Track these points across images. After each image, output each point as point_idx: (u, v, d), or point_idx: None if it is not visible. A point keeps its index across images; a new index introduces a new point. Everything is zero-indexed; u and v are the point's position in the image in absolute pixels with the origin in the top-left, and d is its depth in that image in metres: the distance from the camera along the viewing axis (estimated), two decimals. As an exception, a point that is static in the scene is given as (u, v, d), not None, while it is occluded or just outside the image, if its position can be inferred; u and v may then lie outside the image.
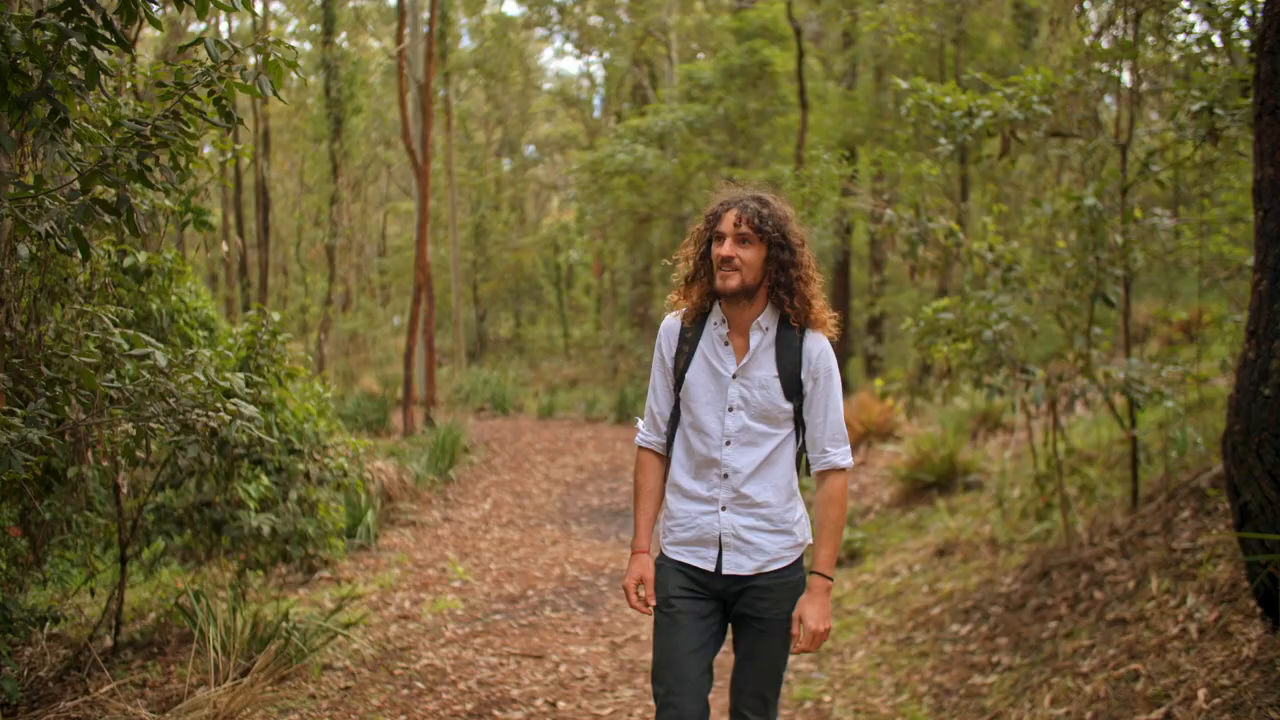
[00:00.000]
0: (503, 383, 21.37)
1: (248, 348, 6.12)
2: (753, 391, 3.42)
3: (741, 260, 3.38)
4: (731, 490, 3.45)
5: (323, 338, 20.41)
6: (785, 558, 3.45)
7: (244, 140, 23.42)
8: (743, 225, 3.41)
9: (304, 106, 25.45)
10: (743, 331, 3.48)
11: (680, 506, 3.54)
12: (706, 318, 3.54)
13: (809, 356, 3.43)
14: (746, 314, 3.46)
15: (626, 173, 19.24)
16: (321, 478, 6.83)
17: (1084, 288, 6.15)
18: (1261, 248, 4.30)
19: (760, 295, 3.44)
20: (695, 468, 3.52)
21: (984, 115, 6.11)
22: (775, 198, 3.55)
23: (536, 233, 35.28)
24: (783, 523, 3.45)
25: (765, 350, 3.45)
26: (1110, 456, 8.03)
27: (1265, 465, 4.12)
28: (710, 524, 3.46)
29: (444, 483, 12.26)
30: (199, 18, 4.16)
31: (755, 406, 3.42)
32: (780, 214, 3.47)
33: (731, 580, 3.44)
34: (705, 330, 3.53)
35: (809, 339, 3.45)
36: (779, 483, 3.47)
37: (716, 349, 3.49)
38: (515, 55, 29.43)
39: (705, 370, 3.49)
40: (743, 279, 3.38)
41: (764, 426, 3.43)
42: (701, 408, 3.48)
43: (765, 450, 3.43)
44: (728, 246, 3.39)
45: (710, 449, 3.47)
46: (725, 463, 3.45)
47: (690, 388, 3.52)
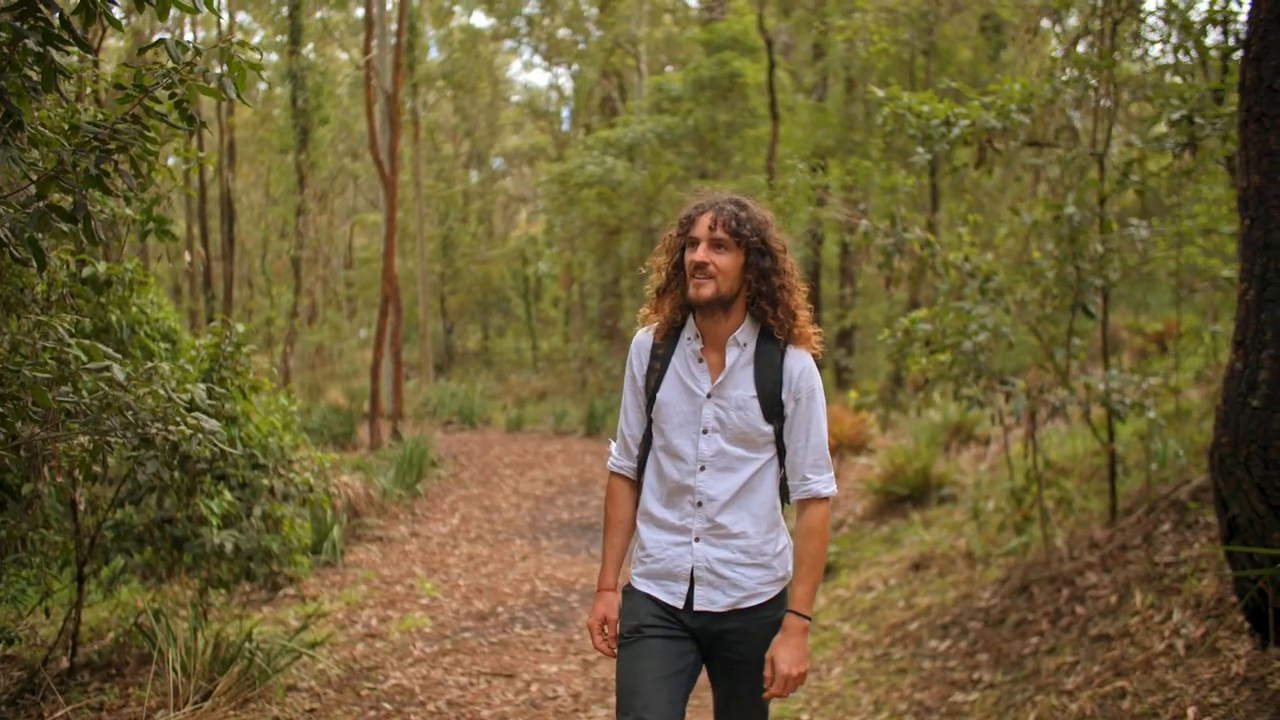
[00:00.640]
0: (470, 396, 21.20)
1: (211, 360, 5.96)
2: (729, 413, 3.16)
3: (717, 267, 3.13)
4: (706, 519, 3.19)
5: (288, 350, 20.20)
6: (763, 593, 3.19)
7: (209, 151, 23.17)
8: (718, 229, 3.15)
9: (270, 118, 25.24)
10: (718, 347, 3.22)
11: (651, 536, 3.28)
12: (680, 332, 3.30)
13: (790, 375, 3.17)
14: (722, 328, 3.20)
15: (596, 184, 19.17)
16: (286, 493, 6.66)
17: (1063, 298, 6.08)
18: (1248, 257, 4.23)
19: (737, 307, 3.19)
20: (667, 494, 3.26)
21: (961, 124, 6.04)
22: (754, 202, 3.31)
23: (505, 245, 35.16)
24: (761, 555, 3.19)
25: (743, 368, 3.18)
26: (1086, 469, 7.98)
27: (1254, 478, 4.05)
28: (682, 556, 3.20)
29: (411, 497, 12.09)
30: (159, 19, 4.02)
31: (732, 429, 3.17)
32: (760, 218, 3.23)
33: (704, 617, 3.18)
34: (678, 346, 3.28)
35: (790, 356, 3.19)
36: (758, 511, 3.20)
37: (690, 366, 3.24)
38: (484, 67, 29.31)
39: (678, 389, 3.24)
40: (717, 288, 3.12)
41: (741, 450, 3.18)
42: (674, 430, 3.23)
43: (743, 476, 3.18)
44: (701, 252, 3.14)
45: (683, 474, 3.21)
46: (699, 489, 3.20)
47: (662, 408, 3.26)
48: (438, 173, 31.58)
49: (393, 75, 16.13)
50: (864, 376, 19.03)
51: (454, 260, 31.45)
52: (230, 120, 21.98)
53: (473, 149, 34.35)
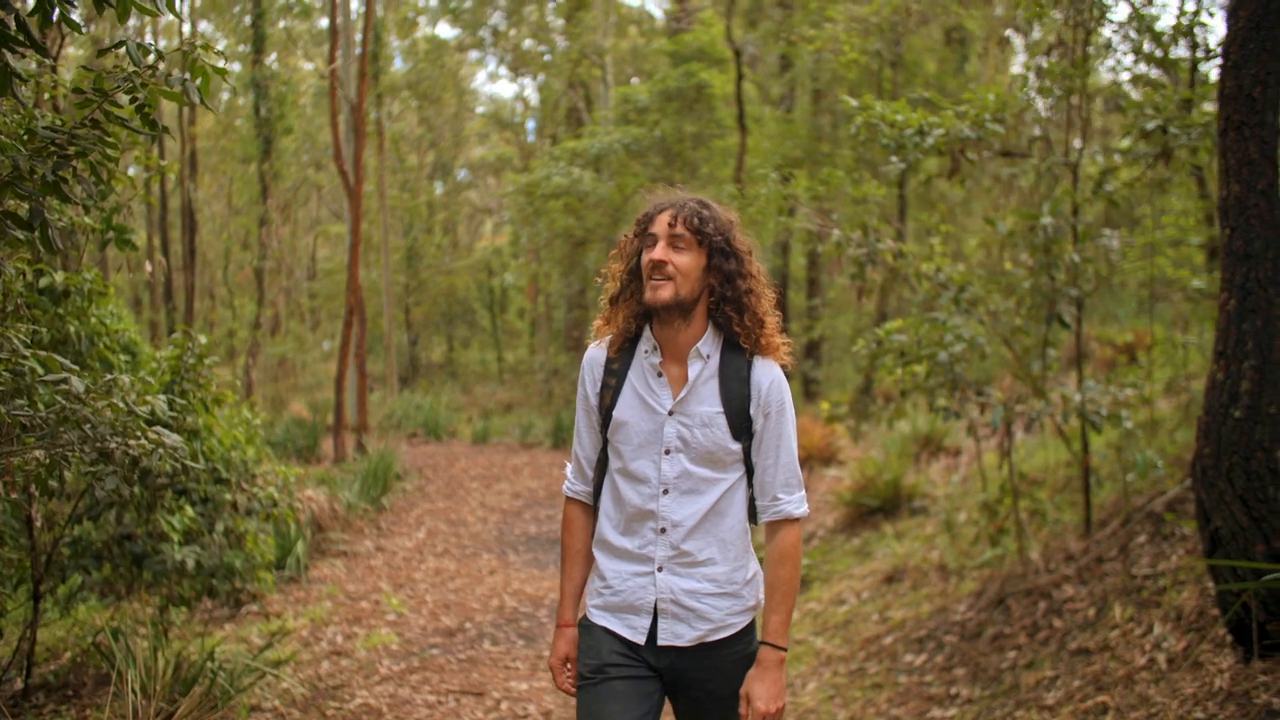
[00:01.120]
0: (436, 408, 21.02)
1: (172, 372, 5.83)
2: (694, 430, 2.94)
3: (676, 267, 2.91)
4: (670, 547, 2.96)
5: (251, 362, 19.97)
6: (732, 625, 2.97)
7: (170, 160, 22.91)
8: (679, 225, 2.94)
9: (232, 127, 25.01)
10: (679, 359, 3.00)
11: (610, 566, 3.05)
12: (636, 344, 3.07)
13: (759, 388, 2.96)
14: (683, 337, 2.98)
15: (563, 195, 19.07)
16: (250, 508, 6.52)
17: (1038, 309, 6.05)
18: (1228, 266, 4.20)
19: (698, 314, 2.97)
20: (626, 521, 3.02)
21: (935, 133, 6.00)
22: (718, 204, 3.10)
23: (470, 256, 34.99)
24: (730, 584, 2.97)
25: (707, 381, 2.96)
26: (1058, 480, 7.96)
27: (1236, 490, 4.01)
28: (644, 587, 2.98)
29: (377, 511, 11.93)
30: (120, 21, 3.90)
31: (697, 448, 2.94)
32: (724, 218, 3.03)
33: (669, 654, 2.96)
34: (634, 359, 3.05)
35: (758, 367, 2.98)
36: (727, 537, 2.98)
37: (648, 381, 3.01)
38: (449, 78, 29.17)
39: (636, 407, 3.01)
40: (676, 290, 2.90)
41: (708, 471, 2.95)
42: (633, 451, 3.00)
43: (710, 499, 2.95)
44: (660, 250, 2.92)
45: (644, 499, 2.98)
46: (662, 515, 2.96)
47: (619, 428, 3.02)
48: (402, 184, 31.40)
49: (357, 85, 15.99)
50: (832, 388, 19.02)
51: (419, 272, 31.26)
52: (192, 130, 21.74)
53: (438, 160, 34.20)
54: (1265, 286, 4.09)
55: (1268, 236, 4.12)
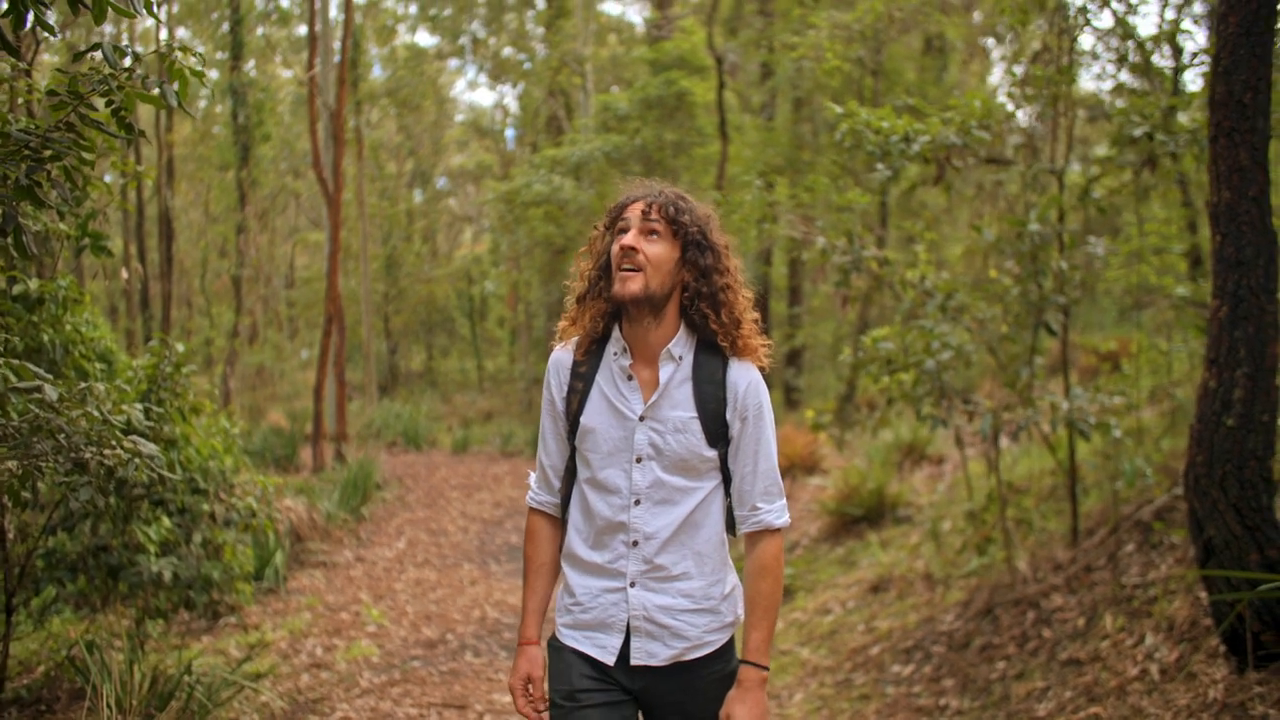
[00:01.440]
0: (415, 417, 20.92)
1: (148, 381, 5.74)
2: (666, 437, 2.78)
3: (647, 257, 2.74)
4: (643, 561, 2.80)
5: (228, 371, 19.82)
6: (710, 642, 2.82)
7: (147, 166, 22.74)
8: (653, 213, 2.78)
9: (210, 135, 24.84)
10: (650, 361, 2.83)
11: (580, 582, 2.89)
12: (604, 346, 2.90)
13: (735, 391, 2.79)
14: (654, 336, 2.81)
15: (543, 203, 19.01)
16: (228, 518, 6.43)
17: (1025, 316, 6.02)
18: (1220, 273, 4.16)
19: (669, 312, 2.81)
20: (595, 534, 2.86)
21: (922, 140, 5.96)
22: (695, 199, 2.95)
23: (449, 265, 34.89)
24: (707, 599, 2.82)
25: (680, 384, 2.80)
26: (1043, 488, 7.93)
27: (1229, 499, 3.97)
28: (615, 604, 2.82)
29: (356, 521, 11.82)
30: (96, 23, 3.83)
31: (671, 455, 2.78)
32: (702, 211, 2.87)
33: (644, 675, 2.81)
34: (603, 362, 2.88)
35: (735, 369, 2.81)
36: (703, 549, 2.83)
37: (618, 384, 2.84)
38: (428, 85, 29.08)
39: (605, 412, 2.84)
40: (646, 283, 2.73)
41: (682, 480, 2.79)
42: (602, 460, 2.84)
43: (684, 509, 2.79)
44: (631, 236, 2.76)
45: (615, 510, 2.82)
46: (634, 526, 2.80)
47: (587, 435, 2.85)
48: (382, 191, 31.28)
49: (336, 92, 15.89)
50: (813, 396, 19.00)
51: (398, 280, 31.14)
52: (169, 137, 21.59)
53: (417, 168, 34.10)
54: (1257, 293, 4.06)
55: (1259, 243, 4.09)
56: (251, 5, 23.39)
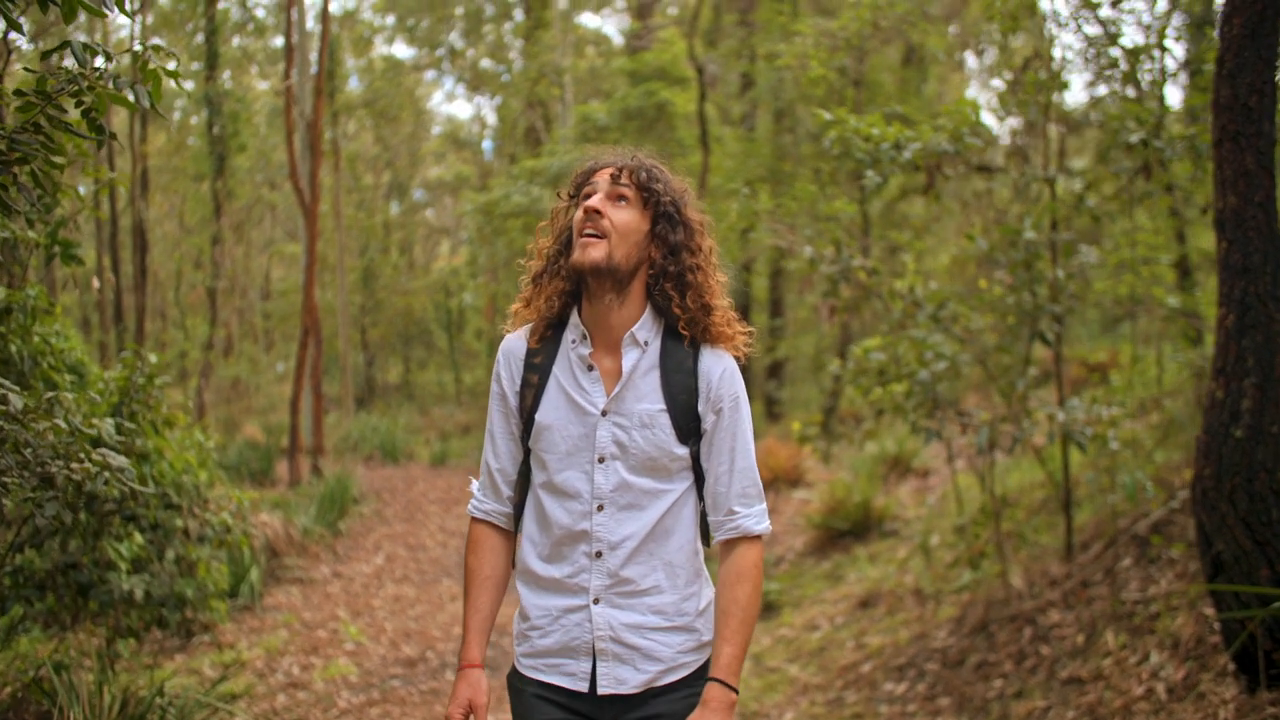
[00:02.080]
0: (393, 430, 20.72)
1: (120, 393, 5.57)
2: (631, 433, 2.50)
3: (613, 223, 2.48)
4: (607, 574, 2.51)
5: (203, 384, 19.58)
6: (686, 664, 2.55)
7: (120, 173, 22.47)
8: (624, 178, 2.53)
9: (185, 146, 24.61)
10: (612, 348, 2.55)
11: (536, 602, 2.59)
12: (562, 334, 2.61)
13: (708, 380, 2.52)
14: (616, 318, 2.53)
15: (522, 214, 18.90)
16: (202, 534, 6.25)
17: (1020, 326, 5.91)
18: (1226, 280, 4.06)
19: (634, 291, 2.54)
20: (553, 545, 2.57)
21: (913, 147, 5.85)
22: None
23: (427, 277, 34.71)
24: (681, 615, 2.54)
25: (646, 374, 2.53)
26: (1033, 501, 7.82)
27: (1239, 512, 3.86)
28: (579, 625, 2.52)
29: (333, 536, 11.62)
30: (65, 22, 3.68)
31: (637, 454, 2.50)
32: (677, 183, 2.62)
33: (614, 706, 2.52)
34: (560, 351, 2.60)
35: (707, 357, 2.55)
36: (674, 559, 2.55)
37: (576, 375, 2.56)
38: (406, 96, 28.94)
39: (563, 407, 2.55)
40: (610, 251, 2.46)
41: (650, 481, 2.51)
42: (560, 461, 2.55)
43: (653, 515, 2.51)
44: (597, 199, 2.50)
45: (575, 518, 2.52)
46: (597, 535, 2.51)
47: (543, 434, 2.56)
48: (358, 203, 31.09)
49: (313, 103, 15.74)
50: (795, 409, 18.88)
51: (375, 292, 30.93)
52: (144, 148, 21.35)
53: (394, 179, 33.91)
54: (1265, 301, 3.96)
55: (1266, 249, 3.99)
56: (227, 16, 23.22)
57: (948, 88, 22.09)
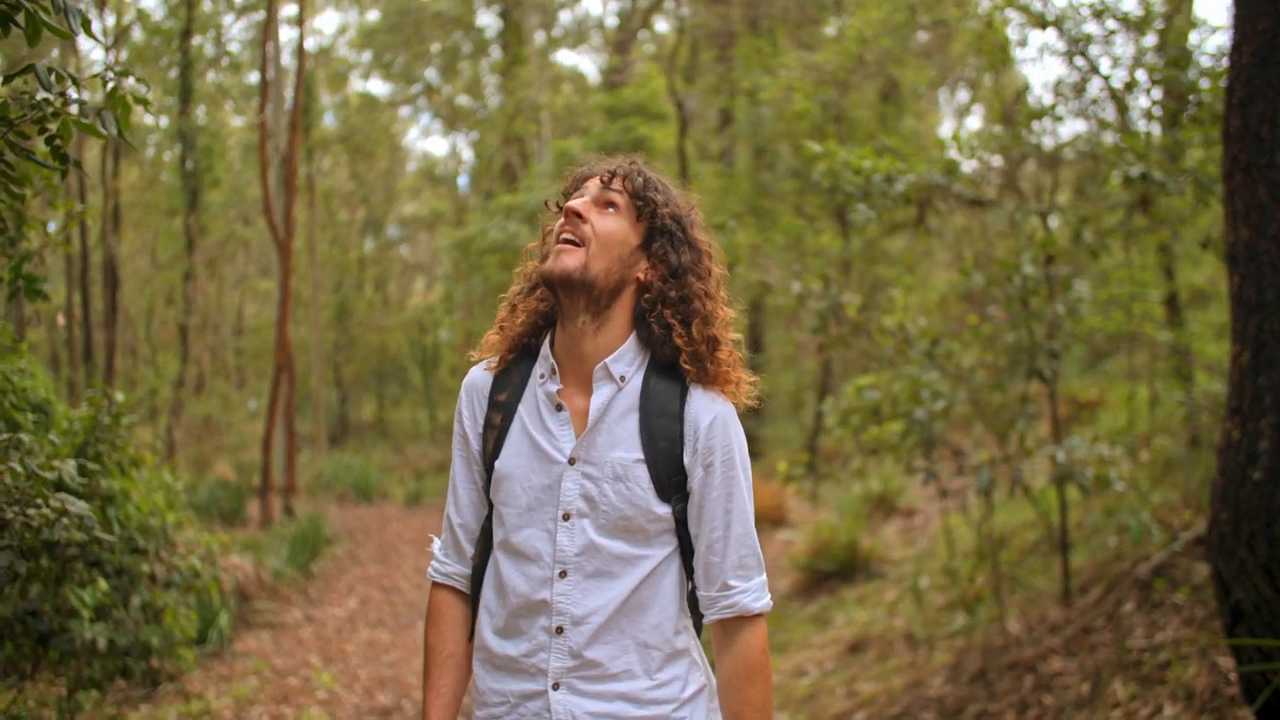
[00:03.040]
0: (367, 468, 20.47)
1: (86, 433, 5.34)
2: (602, 486, 2.13)
3: (595, 229, 2.15)
4: (569, 654, 2.14)
5: (173, 422, 19.30)
6: None
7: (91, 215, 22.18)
8: (615, 183, 2.20)
9: (158, 181, 24.38)
10: (584, 384, 2.19)
11: (492, 685, 2.23)
12: (531, 367, 2.27)
13: (695, 427, 2.15)
14: (589, 347, 2.18)
15: (499, 250, 18.79)
16: (169, 579, 6.02)
17: (1016, 363, 5.76)
18: (1239, 316, 3.91)
19: (616, 315, 2.19)
20: (509, 615, 2.20)
21: (906, 179, 5.72)
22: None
23: (402, 313, 34.51)
24: (656, 704, 2.16)
25: (623, 416, 2.16)
26: (1024, 542, 7.66)
27: (1259, 559, 3.69)
28: (537, 715, 2.16)
29: (305, 578, 11.34)
30: (30, 45, 3.49)
31: (608, 511, 2.13)
32: (682, 199, 2.29)
33: None
34: (528, 386, 2.25)
35: (697, 399, 2.17)
36: (650, 639, 2.17)
37: (542, 415, 2.20)
38: (381, 132, 28.84)
39: (525, 454, 2.20)
40: (586, 262, 2.12)
41: (623, 545, 2.14)
42: (519, 516, 2.18)
43: (626, 585, 2.14)
44: (581, 202, 2.18)
45: (533, 585, 2.16)
46: (559, 607, 2.14)
47: (501, 484, 2.21)
48: (333, 239, 30.90)
49: (289, 138, 15.59)
50: (774, 447, 18.72)
51: (349, 328, 30.70)
52: (116, 183, 21.11)
53: (369, 215, 33.74)
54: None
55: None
56: (201, 52, 23.07)
57: (925, 124, 22.14)
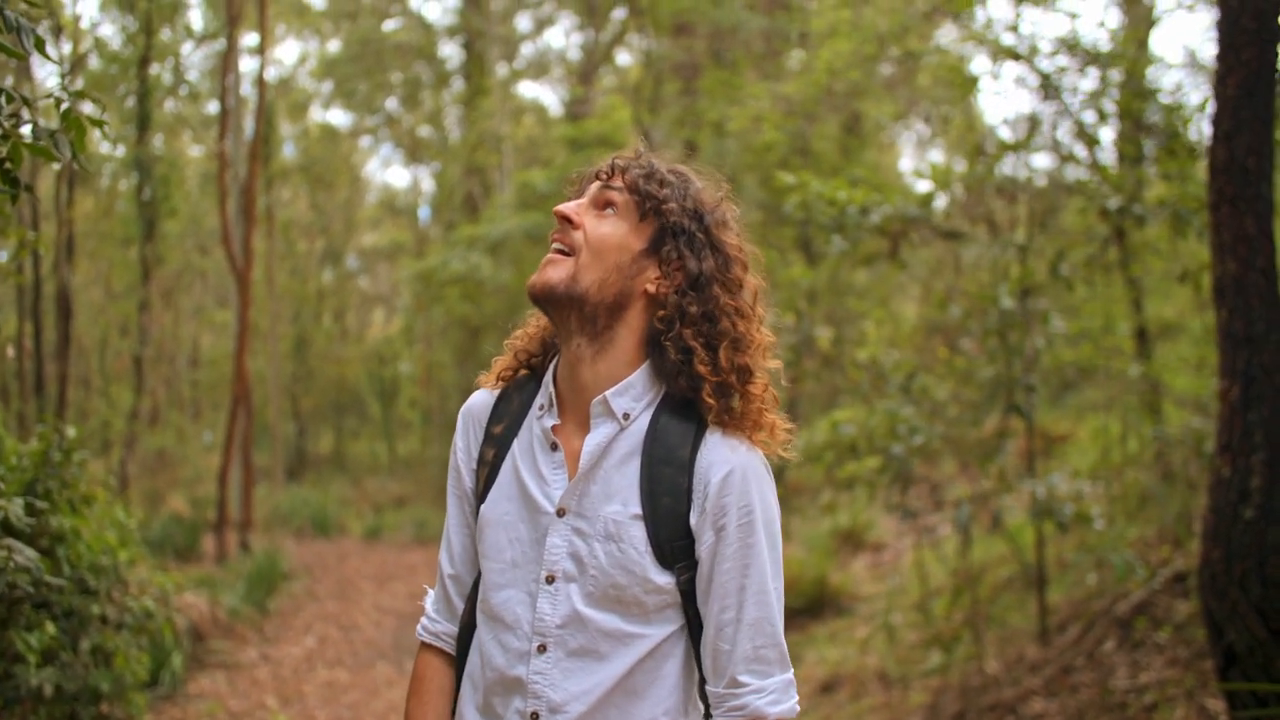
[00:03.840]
0: (324, 502, 20.18)
1: (35, 469, 5.14)
2: (593, 545, 1.78)
3: (587, 235, 1.83)
4: None
5: (127, 455, 18.93)
6: None
7: (44, 244, 21.85)
8: (615, 179, 1.88)
9: (113, 210, 24.06)
10: (581, 418, 1.85)
11: None
12: (533, 396, 1.94)
13: (706, 479, 1.77)
14: (588, 375, 1.83)
15: (460, 281, 18.68)
16: (121, 621, 5.79)
17: (992, 399, 5.69)
18: (1228, 351, 3.85)
19: (620, 337, 1.84)
20: (486, 691, 1.88)
21: (881, 210, 5.64)
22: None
23: (361, 345, 34.24)
24: None
25: (623, 462, 1.80)
26: (997, 578, 7.56)
27: (1251, 599, 3.61)
28: None
29: (262, 616, 11.07)
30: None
31: (599, 577, 1.78)
32: (708, 194, 1.92)
33: None
34: (526, 419, 1.91)
35: (713, 445, 1.80)
36: None
37: (535, 454, 1.87)
38: (342, 163, 28.69)
39: (515, 498, 1.87)
40: (573, 274, 1.80)
41: (617, 620, 1.78)
42: (502, 573, 1.86)
43: (617, 669, 1.79)
44: (573, 204, 1.88)
45: (510, 659, 1.83)
46: (534, 689, 1.79)
47: (486, 531, 1.89)
48: (292, 269, 30.61)
49: (249, 165, 15.43)
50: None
51: (307, 360, 30.38)
52: (70, 212, 20.79)
53: (328, 246, 33.50)
54: (1270, 372, 3.75)
55: (1270, 318, 3.79)
56: (159, 81, 22.83)
57: (886, 158, 22.22)
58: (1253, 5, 3.88)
